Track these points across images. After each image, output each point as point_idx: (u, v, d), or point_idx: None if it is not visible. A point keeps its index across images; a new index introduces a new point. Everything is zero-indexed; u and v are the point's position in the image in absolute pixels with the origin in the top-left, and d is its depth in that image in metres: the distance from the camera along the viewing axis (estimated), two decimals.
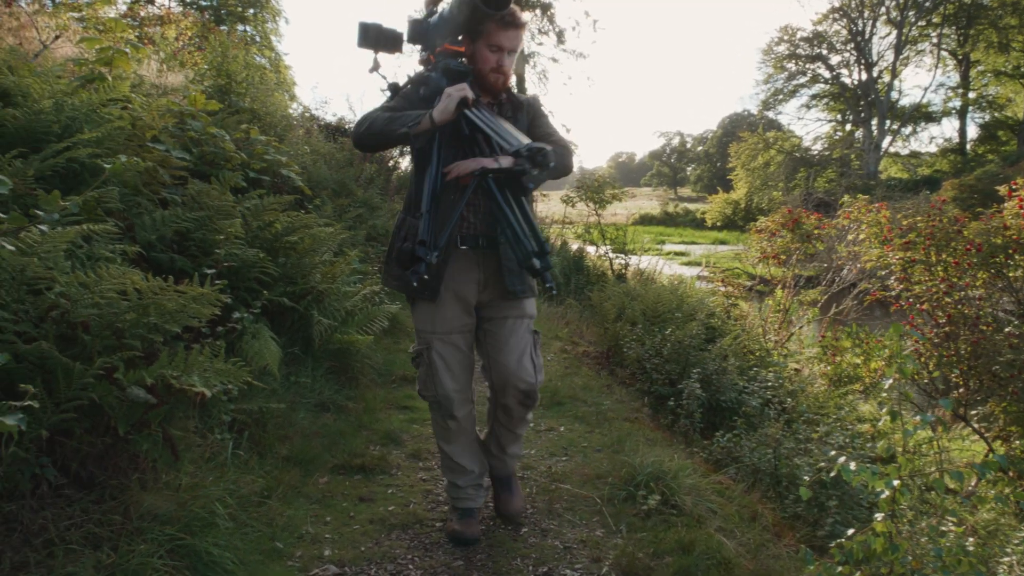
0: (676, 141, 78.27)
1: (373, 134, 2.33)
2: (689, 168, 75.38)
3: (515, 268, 2.46)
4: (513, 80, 2.54)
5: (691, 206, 46.90)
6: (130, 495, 2.23)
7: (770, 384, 5.04)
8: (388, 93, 2.51)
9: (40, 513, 2.03)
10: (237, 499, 2.52)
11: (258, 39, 22.33)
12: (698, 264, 15.85)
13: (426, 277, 2.07)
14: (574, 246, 11.65)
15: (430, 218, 2.19)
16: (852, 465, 2.18)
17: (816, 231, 8.23)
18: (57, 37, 5.37)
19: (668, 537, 2.68)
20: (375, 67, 2.53)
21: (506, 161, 2.25)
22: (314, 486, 2.99)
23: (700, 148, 72.01)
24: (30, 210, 1.59)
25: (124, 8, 10.43)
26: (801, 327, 8.03)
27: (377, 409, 4.02)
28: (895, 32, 37.09)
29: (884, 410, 2.34)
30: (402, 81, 2.53)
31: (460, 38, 2.43)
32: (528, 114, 2.56)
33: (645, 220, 41.03)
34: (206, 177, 3.85)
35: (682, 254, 23.39)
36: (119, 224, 2.85)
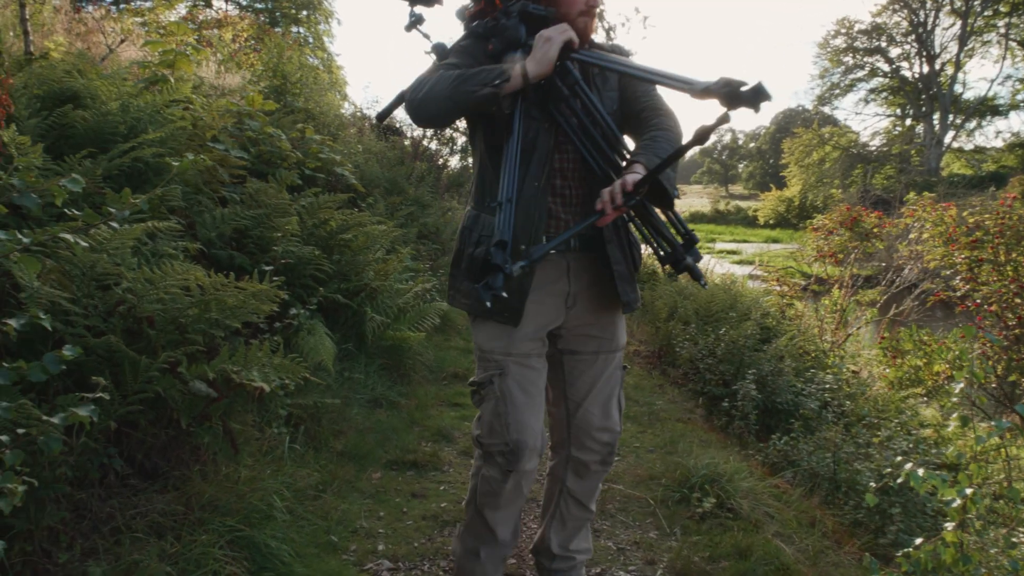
0: (727, 138, 77.03)
1: (438, 99, 1.71)
2: (741, 165, 74.15)
3: (626, 273, 1.94)
4: None
5: (743, 204, 46.06)
6: (192, 486, 2.29)
7: (828, 386, 4.90)
8: (434, 56, 1.95)
9: (108, 502, 2.10)
10: (293, 492, 2.57)
11: (311, 40, 22.73)
12: (750, 263, 15.56)
13: (504, 295, 1.45)
14: None
15: (512, 209, 1.58)
16: (920, 472, 2.09)
17: (875, 229, 7.98)
18: (122, 41, 5.55)
19: (724, 541, 2.63)
20: (415, 22, 2.01)
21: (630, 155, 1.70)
22: (368, 481, 3.03)
23: (752, 144, 70.71)
24: (103, 208, 1.64)
25: (183, 12, 10.74)
26: (859, 328, 7.80)
27: (428, 406, 4.05)
28: (959, 22, 35.72)
29: (954, 415, 2.25)
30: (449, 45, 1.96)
31: None
32: None
33: (696, 218, 40.44)
34: (263, 176, 3.93)
35: (733, 252, 22.97)
36: (181, 222, 2.93)
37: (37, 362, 1.49)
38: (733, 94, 1.23)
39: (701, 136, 1.35)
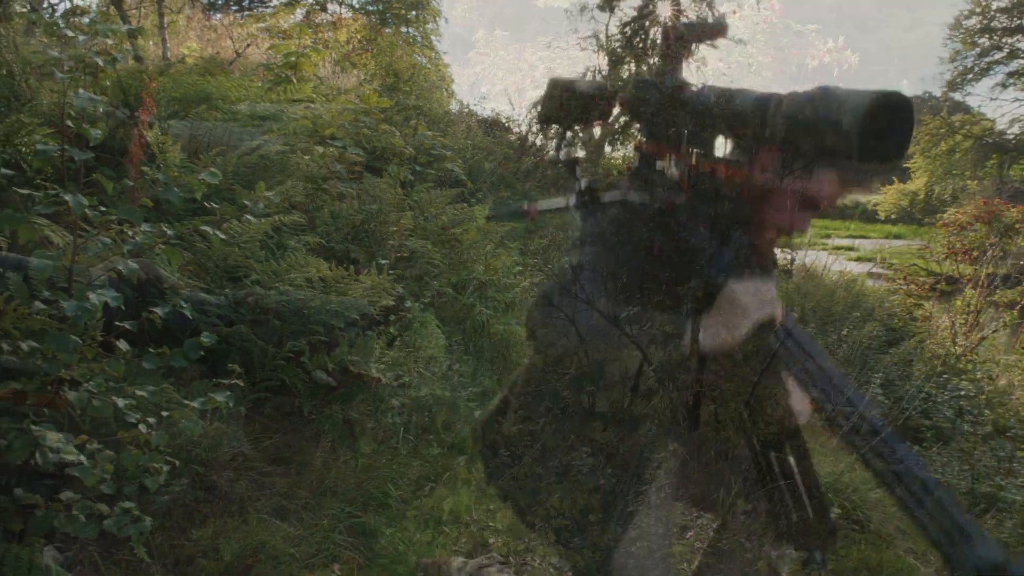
0: None
1: None
2: None
3: None
4: None
5: (861, 197, 43.62)
6: (312, 471, 2.37)
7: (963, 393, 4.54)
8: None
9: (236, 483, 2.20)
10: (407, 482, 2.61)
11: (419, 39, 23.21)
12: (869, 260, 14.68)
13: None
14: None
15: None
16: None
17: (1018, 225, 7.34)
18: (248, 45, 5.85)
19: (851, 555, 2.48)
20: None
21: None
22: (476, 474, 3.04)
23: None
24: (239, 201, 1.71)
25: (301, 16, 11.21)
26: (995, 331, 7.19)
27: None
28: None
29: None
30: None
31: None
32: None
33: None
34: (378, 171, 4.03)
35: (850, 249, 21.71)
36: (303, 216, 3.04)
37: (179, 349, 1.57)
38: None
39: None
